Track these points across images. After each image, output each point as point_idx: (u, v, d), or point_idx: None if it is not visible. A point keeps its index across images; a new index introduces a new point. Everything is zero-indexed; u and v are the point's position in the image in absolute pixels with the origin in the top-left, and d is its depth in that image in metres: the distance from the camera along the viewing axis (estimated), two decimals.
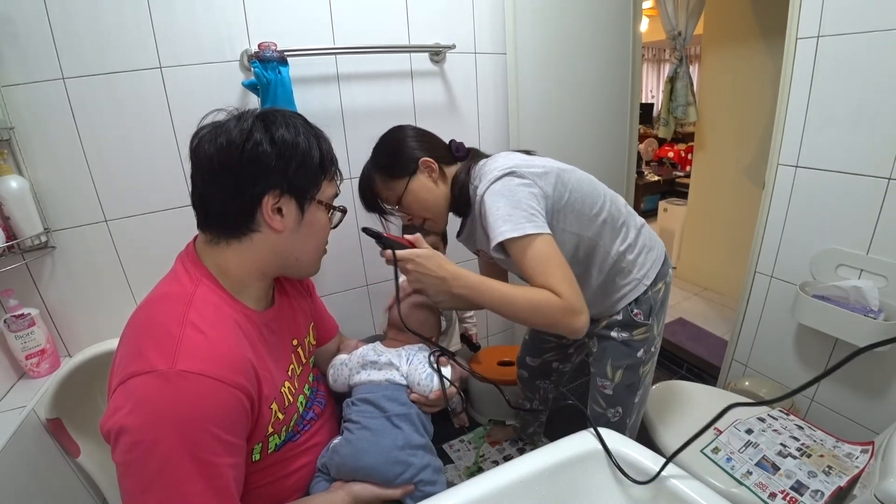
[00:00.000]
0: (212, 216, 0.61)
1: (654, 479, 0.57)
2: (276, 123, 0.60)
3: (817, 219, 1.24)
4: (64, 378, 1.02)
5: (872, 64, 1.05)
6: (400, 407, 0.77)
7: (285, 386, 0.67)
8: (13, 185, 0.99)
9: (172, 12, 1.07)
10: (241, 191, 0.58)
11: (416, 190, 0.90)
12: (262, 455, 0.63)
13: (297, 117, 0.63)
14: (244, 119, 0.60)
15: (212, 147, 0.58)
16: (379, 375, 0.81)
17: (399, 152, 0.91)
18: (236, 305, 0.62)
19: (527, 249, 0.77)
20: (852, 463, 0.96)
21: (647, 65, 5.85)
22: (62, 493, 1.00)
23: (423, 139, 0.94)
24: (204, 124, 0.61)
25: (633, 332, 1.01)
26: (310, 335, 0.82)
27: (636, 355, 1.02)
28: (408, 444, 0.73)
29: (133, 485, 0.49)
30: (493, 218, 0.80)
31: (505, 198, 0.80)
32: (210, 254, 0.63)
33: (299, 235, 0.64)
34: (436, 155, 0.93)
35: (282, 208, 0.61)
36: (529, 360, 1.34)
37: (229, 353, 0.55)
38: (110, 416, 0.50)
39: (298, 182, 0.61)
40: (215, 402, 0.52)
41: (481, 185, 0.85)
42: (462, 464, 1.55)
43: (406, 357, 0.83)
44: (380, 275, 1.56)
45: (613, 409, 1.05)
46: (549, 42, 1.55)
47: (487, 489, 0.57)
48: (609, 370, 1.03)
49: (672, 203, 2.99)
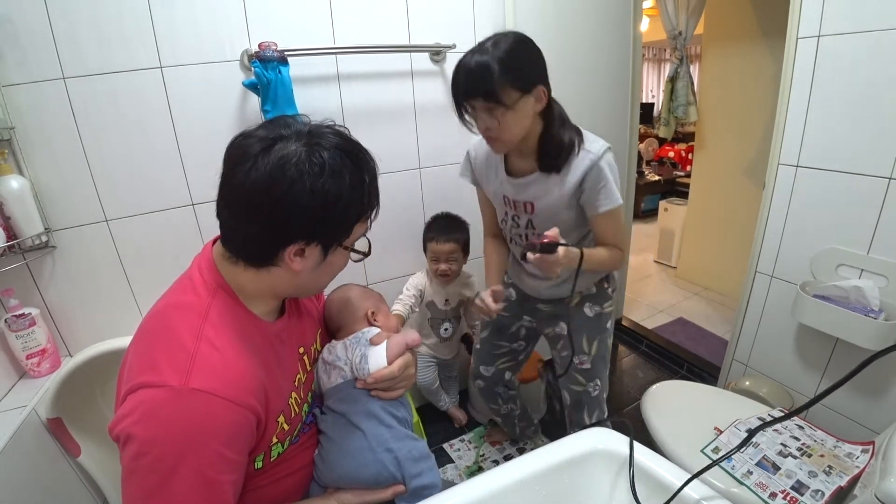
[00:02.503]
0: (233, 241, 0.59)
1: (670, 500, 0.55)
2: (323, 169, 0.53)
3: (818, 218, 1.23)
4: (64, 378, 1.02)
5: (872, 64, 1.05)
6: (355, 405, 0.72)
7: (292, 397, 0.67)
8: (14, 184, 0.99)
9: (172, 12, 1.07)
10: (267, 232, 0.55)
11: (519, 110, 0.87)
12: (264, 463, 0.63)
13: (345, 154, 0.56)
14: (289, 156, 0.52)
15: (245, 176, 0.52)
16: (336, 376, 0.76)
17: (533, 62, 0.88)
18: (250, 317, 0.62)
19: (619, 216, 1.00)
20: (853, 463, 0.96)
21: (647, 64, 5.85)
22: (62, 493, 1.00)
23: (544, 65, 0.91)
24: (252, 131, 0.55)
25: (603, 305, 1.16)
26: (317, 342, 0.81)
27: (606, 326, 1.16)
28: (376, 442, 0.69)
29: (136, 491, 0.49)
30: (611, 185, 0.94)
31: (613, 172, 0.95)
32: (227, 267, 0.61)
33: (317, 273, 0.62)
34: (547, 87, 0.91)
35: (305, 250, 0.58)
36: (483, 369, 1.36)
37: (242, 373, 0.55)
38: (119, 422, 0.50)
39: (330, 231, 0.58)
40: (225, 422, 0.52)
41: (592, 150, 0.94)
42: (462, 463, 1.55)
43: (350, 346, 0.77)
44: (380, 274, 1.56)
45: (593, 383, 1.17)
46: (549, 42, 1.52)
47: (487, 489, 0.57)
48: (585, 344, 1.15)
49: (672, 203, 2.99)
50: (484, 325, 1.33)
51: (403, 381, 0.74)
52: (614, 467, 0.61)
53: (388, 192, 1.48)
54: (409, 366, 0.75)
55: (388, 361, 0.73)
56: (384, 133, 1.42)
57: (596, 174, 0.93)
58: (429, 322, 1.55)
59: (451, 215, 1.51)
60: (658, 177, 4.23)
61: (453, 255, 1.43)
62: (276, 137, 0.54)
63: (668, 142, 4.37)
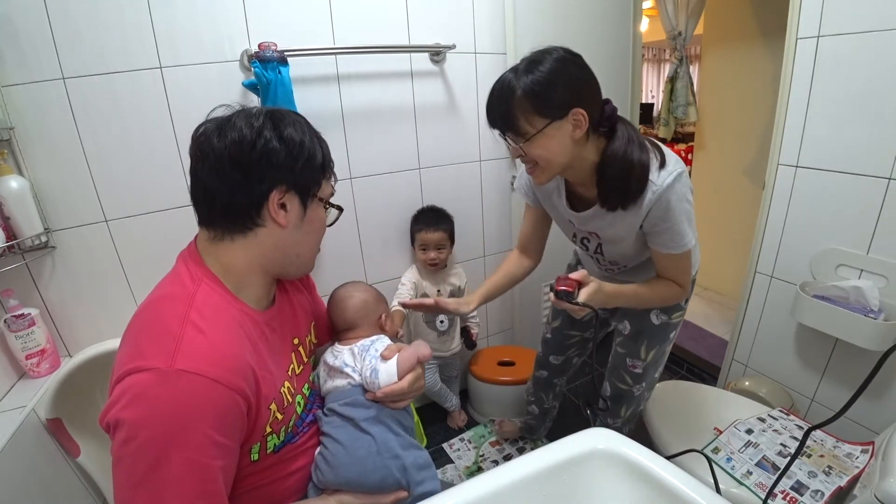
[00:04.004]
0: (217, 210, 0.62)
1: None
2: (284, 122, 0.62)
3: (817, 219, 1.23)
4: (64, 378, 1.02)
5: (872, 64, 1.05)
6: (365, 411, 0.73)
7: (285, 386, 0.67)
8: (13, 185, 0.99)
9: (172, 12, 1.07)
10: (249, 185, 0.59)
11: (553, 136, 0.79)
12: (260, 455, 0.63)
13: (301, 118, 0.65)
14: (254, 116, 0.61)
15: (221, 142, 0.59)
16: (340, 381, 0.77)
17: (566, 85, 0.78)
18: (238, 304, 0.63)
19: (684, 259, 0.91)
20: (852, 463, 0.96)
21: (647, 65, 5.85)
22: (62, 493, 1.00)
23: (586, 86, 0.81)
24: (208, 121, 0.62)
25: (672, 315, 1.06)
26: (311, 334, 0.82)
27: (669, 336, 1.09)
28: (384, 448, 0.71)
29: (125, 479, 0.49)
30: (678, 227, 0.85)
31: (682, 206, 0.84)
32: (212, 251, 0.63)
33: (301, 231, 0.66)
34: (590, 110, 0.80)
35: (286, 204, 0.62)
36: (553, 358, 1.35)
37: (229, 354, 0.55)
38: (107, 410, 0.50)
39: (303, 179, 0.63)
40: (211, 402, 0.52)
41: (657, 182, 0.82)
42: (462, 463, 1.55)
43: (359, 354, 0.79)
44: (380, 274, 1.56)
45: (639, 385, 1.13)
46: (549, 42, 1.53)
47: (487, 489, 0.56)
48: (643, 351, 1.09)
49: None
50: (555, 315, 1.31)
51: (412, 394, 0.76)
52: (614, 467, 0.61)
53: (388, 192, 1.51)
54: (419, 378, 0.78)
55: (399, 377, 0.74)
56: (384, 133, 1.42)
57: (660, 212, 0.83)
58: (423, 317, 1.57)
59: (437, 208, 1.55)
60: None
61: (442, 244, 1.50)
62: (244, 113, 0.62)
63: (668, 142, 4.37)
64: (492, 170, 1.66)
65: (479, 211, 1.69)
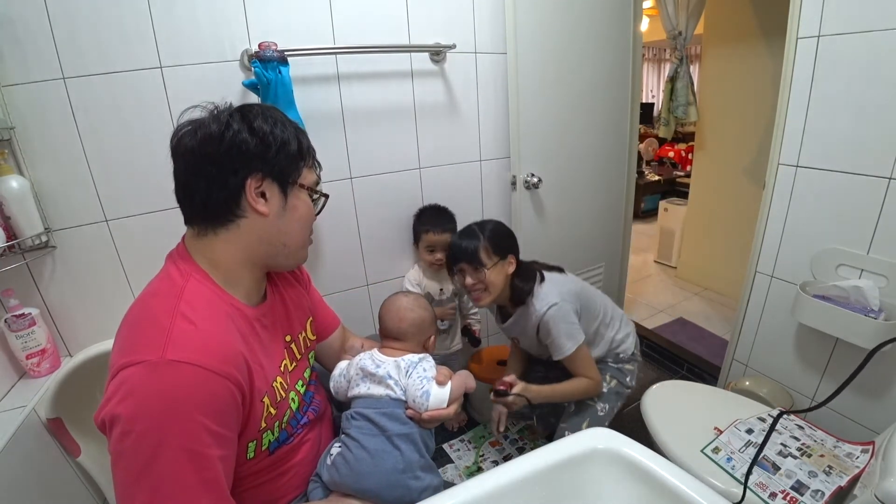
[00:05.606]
0: (197, 206, 0.62)
1: None
2: (252, 114, 0.63)
3: (818, 218, 1.23)
4: (64, 378, 1.02)
5: (872, 64, 1.05)
6: (400, 426, 0.74)
7: (277, 381, 0.67)
8: (13, 184, 0.99)
9: (172, 12, 1.07)
10: (224, 177, 0.60)
11: (498, 271, 1.18)
12: (256, 453, 0.63)
13: (273, 111, 0.66)
14: (223, 112, 0.62)
15: (192, 141, 0.60)
16: (378, 390, 0.78)
17: (507, 239, 1.22)
18: (228, 299, 0.63)
19: (577, 355, 1.18)
20: (853, 463, 0.96)
21: (647, 64, 5.85)
22: (62, 493, 1.00)
23: (515, 241, 1.24)
24: (182, 122, 0.62)
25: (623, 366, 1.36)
26: (306, 330, 0.81)
27: (626, 380, 1.34)
28: (409, 467, 0.71)
29: (124, 474, 0.49)
30: (558, 339, 1.16)
31: (562, 321, 1.16)
32: (199, 247, 0.63)
33: (284, 220, 0.65)
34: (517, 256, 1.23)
35: (265, 192, 0.63)
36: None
37: (220, 343, 0.55)
38: (102, 407, 0.50)
39: (279, 166, 0.63)
40: (204, 390, 0.52)
41: (539, 303, 1.17)
42: (462, 464, 1.55)
43: (405, 369, 0.80)
44: (380, 274, 1.56)
45: (602, 405, 1.30)
46: (550, 42, 1.55)
47: (487, 489, 0.56)
48: (607, 378, 1.32)
49: (672, 203, 2.99)
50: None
51: (452, 421, 0.79)
52: (614, 467, 0.61)
53: (388, 192, 1.51)
54: (459, 406, 0.82)
55: (448, 403, 0.77)
56: (384, 133, 1.42)
57: (544, 330, 1.18)
58: None
59: (440, 206, 1.54)
60: (658, 177, 4.23)
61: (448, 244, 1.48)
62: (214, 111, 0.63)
63: (668, 142, 4.37)
64: (492, 169, 1.66)
65: (479, 211, 1.69)
